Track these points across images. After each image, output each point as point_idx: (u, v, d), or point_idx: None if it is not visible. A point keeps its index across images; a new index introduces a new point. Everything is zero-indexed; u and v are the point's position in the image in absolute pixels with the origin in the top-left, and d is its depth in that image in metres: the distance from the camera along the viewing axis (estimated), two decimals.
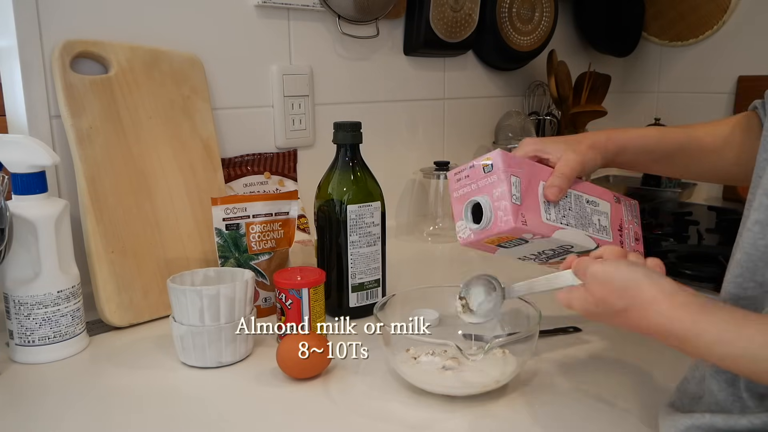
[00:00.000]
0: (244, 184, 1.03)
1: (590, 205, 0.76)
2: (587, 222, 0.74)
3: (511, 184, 0.67)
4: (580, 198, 0.75)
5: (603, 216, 0.77)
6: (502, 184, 0.67)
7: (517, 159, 0.71)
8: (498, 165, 0.68)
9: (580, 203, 0.75)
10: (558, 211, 0.71)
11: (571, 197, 0.74)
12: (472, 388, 0.64)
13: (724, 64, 1.65)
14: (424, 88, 1.33)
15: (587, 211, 0.75)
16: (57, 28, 0.83)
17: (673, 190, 1.60)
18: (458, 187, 0.72)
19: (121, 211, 0.84)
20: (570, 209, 0.73)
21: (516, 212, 0.66)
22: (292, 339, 0.69)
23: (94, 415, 0.64)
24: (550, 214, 0.71)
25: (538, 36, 1.46)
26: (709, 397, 0.52)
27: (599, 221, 0.76)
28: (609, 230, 0.77)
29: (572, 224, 0.72)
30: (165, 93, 0.91)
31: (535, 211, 0.69)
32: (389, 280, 0.89)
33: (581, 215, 0.74)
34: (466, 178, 0.71)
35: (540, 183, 0.71)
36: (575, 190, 0.74)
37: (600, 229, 0.76)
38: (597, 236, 0.75)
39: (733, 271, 0.52)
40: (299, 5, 1.08)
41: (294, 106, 1.10)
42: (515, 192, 0.67)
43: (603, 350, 0.76)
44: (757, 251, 0.50)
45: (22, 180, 0.73)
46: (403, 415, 0.62)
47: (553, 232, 0.70)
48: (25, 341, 0.73)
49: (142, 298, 0.84)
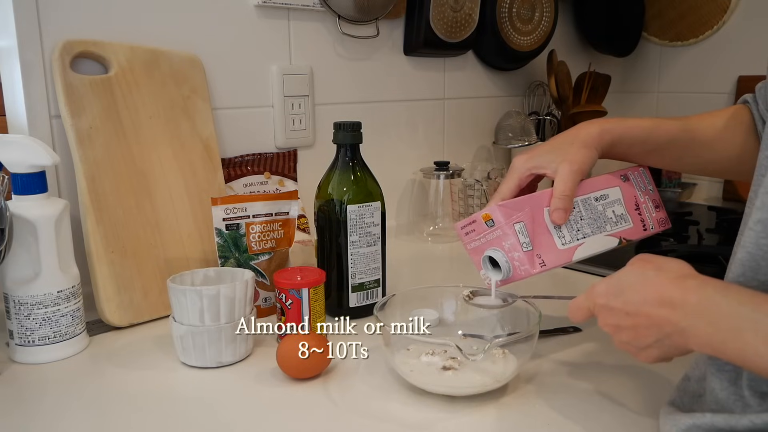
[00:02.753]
0: (244, 184, 1.03)
1: (600, 201, 0.75)
2: (603, 222, 0.74)
3: (517, 233, 0.68)
4: (588, 200, 0.74)
5: (617, 204, 0.76)
6: (509, 237, 0.68)
7: (515, 204, 0.70)
8: (499, 220, 0.69)
9: (590, 206, 0.74)
10: (570, 227, 0.72)
11: (578, 205, 0.73)
12: (472, 388, 0.64)
13: (724, 64, 1.65)
14: (424, 88, 1.33)
15: (599, 210, 0.74)
16: (57, 28, 0.83)
17: (673, 190, 1.60)
18: (469, 240, 0.73)
19: (121, 211, 0.84)
20: (582, 219, 0.73)
21: (531, 259, 0.68)
22: (292, 339, 0.69)
23: (94, 415, 0.64)
24: (564, 237, 0.71)
25: (538, 36, 1.46)
26: (710, 395, 0.52)
27: (614, 213, 0.75)
28: (627, 216, 0.76)
29: (588, 233, 0.73)
30: (165, 93, 0.91)
31: (549, 244, 0.70)
32: (389, 280, 0.89)
33: (595, 218, 0.74)
34: (473, 232, 0.72)
35: (544, 210, 0.71)
36: (580, 195, 0.73)
37: (618, 221, 0.75)
38: (616, 230, 0.75)
39: (735, 270, 0.52)
40: (299, 5, 1.08)
41: (294, 106, 1.10)
42: (523, 240, 0.68)
43: (603, 350, 0.76)
44: (760, 250, 0.50)
45: (22, 180, 0.73)
46: (403, 415, 0.62)
47: (573, 255, 0.71)
48: (25, 341, 0.73)
49: (142, 298, 0.84)
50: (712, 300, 0.48)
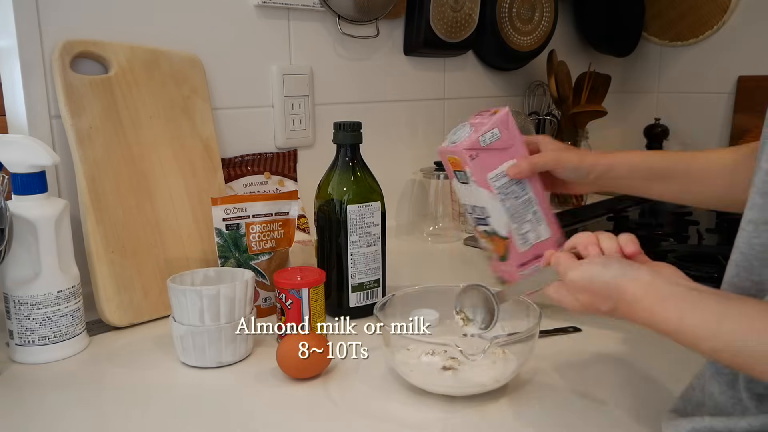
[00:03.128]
0: (244, 184, 1.03)
1: (533, 215, 0.83)
2: (518, 218, 0.82)
3: (490, 133, 0.79)
4: (530, 202, 0.82)
5: (534, 235, 0.83)
6: (487, 127, 0.79)
7: (515, 128, 0.81)
8: (500, 122, 0.80)
9: (527, 204, 0.82)
10: (504, 187, 0.80)
11: (524, 192, 0.82)
12: (472, 388, 0.64)
13: (724, 64, 1.65)
14: (424, 88, 1.33)
15: (526, 216, 0.82)
16: (57, 28, 0.83)
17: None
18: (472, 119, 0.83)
19: (121, 211, 0.84)
20: (515, 197, 0.81)
21: (475, 143, 0.79)
22: (292, 339, 0.69)
23: (94, 415, 0.64)
24: (495, 183, 0.80)
25: (538, 36, 1.46)
26: (709, 400, 0.52)
27: (527, 232, 0.83)
28: (532, 245, 0.83)
29: (505, 206, 0.81)
30: (165, 93, 0.91)
31: (490, 167, 0.80)
32: (389, 280, 0.89)
33: (517, 211, 0.82)
34: (480, 115, 0.83)
35: (512, 161, 0.80)
36: (534, 195, 0.82)
37: (522, 236, 0.82)
38: (515, 237, 0.82)
39: (730, 271, 0.52)
40: (299, 5, 1.08)
41: (294, 106, 1.10)
42: (487, 139, 0.79)
43: (603, 350, 0.76)
44: (752, 250, 0.50)
45: (22, 180, 0.73)
46: (402, 415, 0.62)
47: (485, 188, 0.80)
48: (25, 341, 0.73)
49: (142, 298, 0.84)
50: (658, 284, 0.53)
